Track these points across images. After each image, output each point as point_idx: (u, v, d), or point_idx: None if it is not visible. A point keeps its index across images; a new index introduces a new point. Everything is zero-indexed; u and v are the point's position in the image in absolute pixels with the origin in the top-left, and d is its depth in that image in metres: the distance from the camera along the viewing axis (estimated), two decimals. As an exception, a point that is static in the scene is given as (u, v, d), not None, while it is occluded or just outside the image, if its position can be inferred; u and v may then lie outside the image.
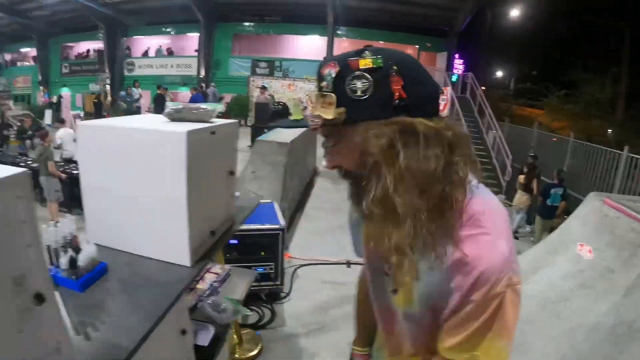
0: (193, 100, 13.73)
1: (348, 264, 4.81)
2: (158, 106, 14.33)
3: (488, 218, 0.91)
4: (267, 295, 4.06)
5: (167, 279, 1.52)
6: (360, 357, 1.50)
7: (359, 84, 0.85)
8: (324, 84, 0.90)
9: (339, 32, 17.81)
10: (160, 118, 1.78)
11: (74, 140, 10.66)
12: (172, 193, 1.54)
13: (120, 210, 1.65)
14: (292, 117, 11.34)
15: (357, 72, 0.85)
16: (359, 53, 0.88)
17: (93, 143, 1.64)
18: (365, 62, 0.86)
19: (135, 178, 1.58)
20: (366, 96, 0.85)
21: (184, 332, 1.67)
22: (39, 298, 0.89)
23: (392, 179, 0.84)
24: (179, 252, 1.61)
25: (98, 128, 1.67)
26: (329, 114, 0.88)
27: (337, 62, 0.88)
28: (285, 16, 17.88)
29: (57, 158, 9.32)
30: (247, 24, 19.20)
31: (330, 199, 7.65)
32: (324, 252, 5.13)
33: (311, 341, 3.68)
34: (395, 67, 0.85)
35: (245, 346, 3.39)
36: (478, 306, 0.88)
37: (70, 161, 9.63)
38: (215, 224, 1.82)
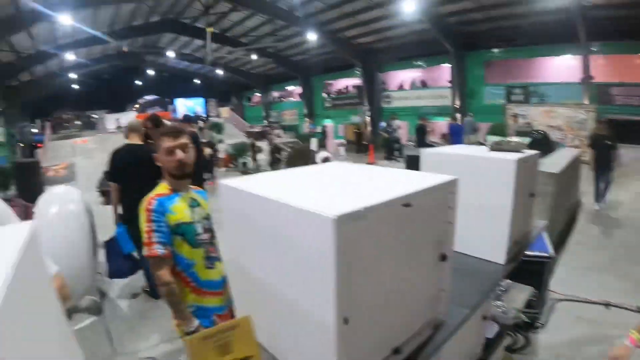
0: (452, 130, 14.42)
1: (607, 305, 4.61)
2: (420, 136, 15.27)
3: None
4: (524, 321, 4.03)
5: (486, 271, 2.13)
6: (632, 340, 2.02)
7: None
8: None
9: (593, 48, 16.26)
10: (482, 148, 2.45)
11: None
12: (500, 203, 2.11)
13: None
14: None
15: None
16: None
17: (434, 165, 2.33)
18: None
19: (468, 192, 1.97)
20: None
21: (484, 317, 2.28)
22: (444, 257, 1.56)
23: None
24: (497, 252, 2.20)
25: (442, 154, 2.41)
26: None
27: None
28: (534, 38, 16.99)
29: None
30: (496, 50, 19.01)
31: (594, 235, 7.46)
32: (583, 290, 4.99)
33: (561, 374, 3.71)
34: None
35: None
36: None
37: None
38: (519, 235, 2.35)
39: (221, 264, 2.51)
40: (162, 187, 2.41)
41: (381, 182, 1.59)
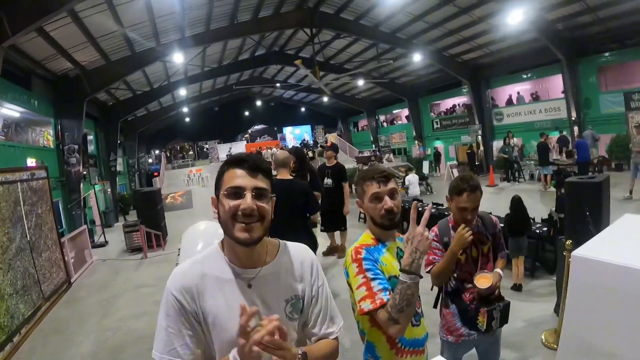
0: (579, 145, 13.87)
1: None
2: (542, 155, 14.76)
3: None
4: None
5: None
6: None
7: None
8: None
9: None
10: None
11: (419, 183, 15.40)
12: None
13: None
14: None
15: None
16: None
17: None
18: None
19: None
20: None
21: None
22: None
23: None
24: None
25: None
26: None
27: None
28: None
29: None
30: (608, 53, 18.06)
31: None
32: None
33: None
34: None
35: None
36: None
37: (415, 199, 12.74)
38: None
39: (423, 319, 2.33)
40: (366, 237, 2.22)
41: None
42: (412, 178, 14.97)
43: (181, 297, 1.46)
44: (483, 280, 2.73)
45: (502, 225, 6.62)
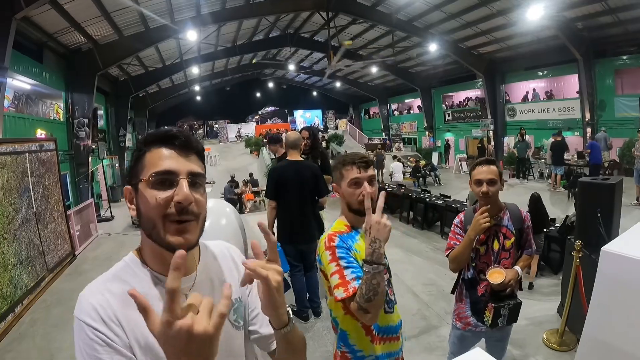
0: (591, 147, 13.76)
1: None
2: (555, 154, 14.60)
3: None
4: None
5: None
6: None
7: None
8: None
9: None
10: None
11: (402, 171, 17.36)
12: None
13: None
14: None
15: None
16: None
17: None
18: None
19: None
20: None
21: None
22: None
23: None
24: None
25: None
26: None
27: None
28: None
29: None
30: (626, 56, 17.46)
31: None
32: None
33: None
34: None
35: None
36: None
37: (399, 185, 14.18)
38: None
39: (397, 306, 2.30)
40: (339, 224, 2.19)
41: None
42: (396, 165, 16.61)
43: (104, 328, 1.06)
44: (496, 276, 2.70)
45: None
